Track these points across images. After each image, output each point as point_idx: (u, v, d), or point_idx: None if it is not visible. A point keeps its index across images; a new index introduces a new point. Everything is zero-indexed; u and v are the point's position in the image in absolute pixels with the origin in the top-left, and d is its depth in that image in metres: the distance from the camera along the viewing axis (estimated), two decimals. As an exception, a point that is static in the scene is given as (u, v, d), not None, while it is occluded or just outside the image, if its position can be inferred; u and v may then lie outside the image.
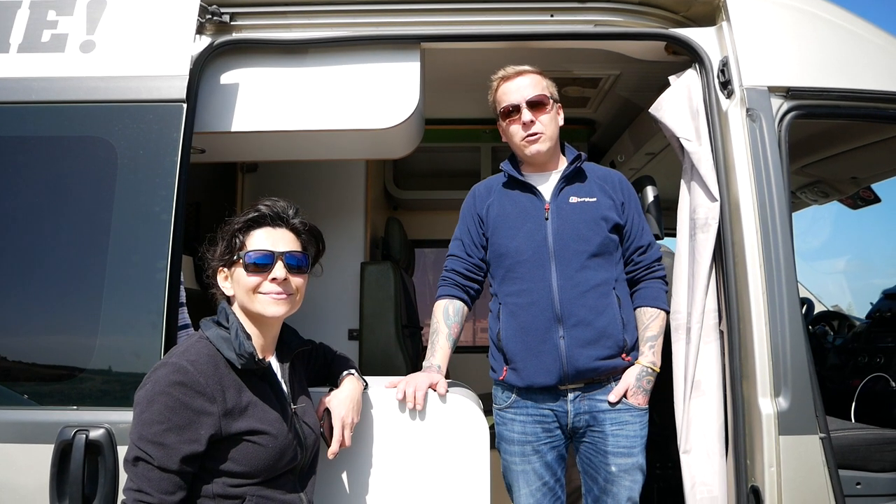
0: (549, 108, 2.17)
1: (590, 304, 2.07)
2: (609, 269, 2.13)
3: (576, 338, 2.05)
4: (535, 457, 2.11)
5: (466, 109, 3.99)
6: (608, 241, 2.13)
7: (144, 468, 1.46)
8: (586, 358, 2.04)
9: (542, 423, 2.11)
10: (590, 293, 2.08)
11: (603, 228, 2.12)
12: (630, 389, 2.07)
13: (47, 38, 2.17)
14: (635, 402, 2.07)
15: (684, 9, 2.38)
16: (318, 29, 2.31)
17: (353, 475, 1.94)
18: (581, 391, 2.08)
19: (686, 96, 2.25)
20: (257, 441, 1.58)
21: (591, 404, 2.08)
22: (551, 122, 2.18)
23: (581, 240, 2.10)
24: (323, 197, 3.80)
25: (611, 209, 2.15)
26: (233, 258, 1.69)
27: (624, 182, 2.25)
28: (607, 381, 2.09)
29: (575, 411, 2.08)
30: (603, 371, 2.07)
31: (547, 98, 2.17)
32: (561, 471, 2.16)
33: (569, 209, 2.14)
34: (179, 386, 1.50)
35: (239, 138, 2.32)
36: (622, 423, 2.06)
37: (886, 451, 2.51)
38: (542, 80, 2.21)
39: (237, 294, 1.70)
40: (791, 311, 2.05)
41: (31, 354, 2.04)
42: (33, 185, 2.10)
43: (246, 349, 1.59)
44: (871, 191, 3.79)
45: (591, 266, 2.10)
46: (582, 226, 2.11)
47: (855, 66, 2.26)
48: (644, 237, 2.21)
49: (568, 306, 2.06)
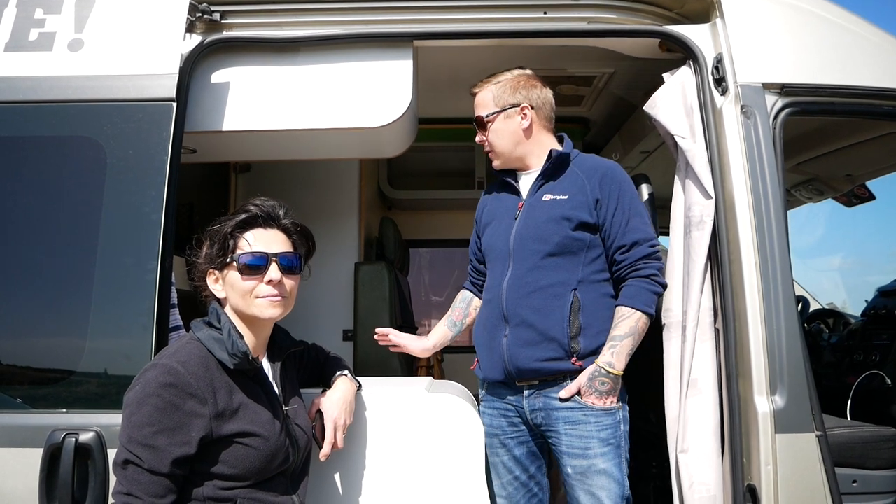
0: (492, 122, 2.21)
1: (535, 305, 2.06)
2: (570, 270, 2.08)
3: (517, 337, 2.07)
4: (503, 450, 2.17)
5: (460, 108, 3.93)
6: (569, 240, 2.08)
7: (134, 471, 1.44)
8: (526, 358, 2.05)
9: (506, 417, 2.16)
10: (536, 294, 2.07)
11: (564, 227, 2.08)
12: (582, 388, 2.01)
13: (35, 36, 2.15)
14: (588, 401, 2.01)
15: (678, 5, 2.37)
16: (309, 27, 2.29)
17: (345, 477, 1.93)
18: (536, 388, 2.08)
19: (680, 93, 2.25)
20: (248, 443, 1.56)
21: (545, 401, 2.07)
22: (497, 134, 2.21)
23: (539, 239, 2.10)
24: (316, 197, 3.79)
25: (579, 207, 2.09)
26: (225, 261, 1.66)
27: (608, 177, 2.14)
28: (563, 380, 2.06)
29: (530, 407, 2.09)
30: (547, 372, 2.05)
31: (484, 117, 2.21)
32: (535, 468, 2.17)
33: (539, 208, 2.14)
34: (170, 388, 1.48)
35: (230, 138, 2.30)
36: (574, 423, 2.02)
37: (882, 448, 2.51)
38: (490, 91, 2.22)
39: (231, 297, 1.67)
40: (787, 309, 2.05)
41: (20, 357, 2.02)
42: (21, 185, 2.07)
43: (239, 349, 1.58)
44: (866, 188, 3.79)
45: (544, 266, 2.08)
46: (543, 225, 2.11)
47: (849, 63, 2.25)
48: (628, 235, 2.10)
49: (512, 306, 2.09)
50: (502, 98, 2.21)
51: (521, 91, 2.21)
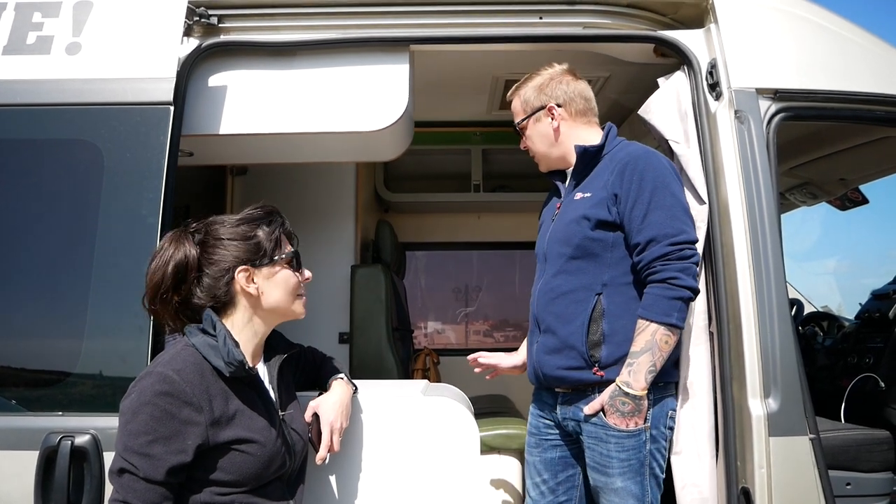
0: (525, 129, 2.20)
1: (557, 312, 2.01)
2: (594, 273, 1.98)
3: (544, 344, 2.05)
4: (537, 450, 2.17)
5: (457, 112, 3.98)
6: (589, 241, 1.98)
7: (130, 479, 1.44)
8: (550, 366, 2.02)
9: (544, 420, 2.16)
10: (559, 300, 2.02)
11: (584, 227, 1.99)
12: (605, 407, 1.91)
13: (33, 39, 2.15)
14: (610, 421, 1.90)
15: (672, 11, 2.38)
16: (306, 31, 2.30)
17: (342, 481, 1.93)
18: (568, 397, 2.04)
19: (675, 98, 2.26)
20: (245, 450, 1.56)
21: (574, 412, 2.01)
22: (533, 139, 2.20)
23: (563, 242, 2.04)
24: (313, 199, 3.79)
25: (598, 205, 1.98)
26: (273, 258, 1.69)
27: (629, 167, 1.97)
28: (591, 391, 1.97)
29: (563, 415, 2.06)
30: (571, 382, 1.99)
31: (518, 124, 2.21)
32: (566, 476, 2.11)
33: (570, 208, 2.07)
34: (165, 396, 1.48)
35: (227, 141, 2.30)
36: (597, 439, 1.95)
37: (876, 451, 2.52)
38: (519, 98, 2.21)
39: (272, 295, 1.69)
40: (780, 313, 2.06)
41: (16, 359, 2.02)
42: (18, 188, 2.07)
43: (235, 357, 1.57)
44: (860, 192, 3.81)
45: (568, 270, 2.02)
46: (567, 226, 2.05)
47: (842, 69, 2.27)
48: (643, 232, 1.92)
49: (541, 312, 2.07)
50: (529, 103, 2.18)
51: (546, 91, 2.15)
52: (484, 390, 3.90)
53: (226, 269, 1.66)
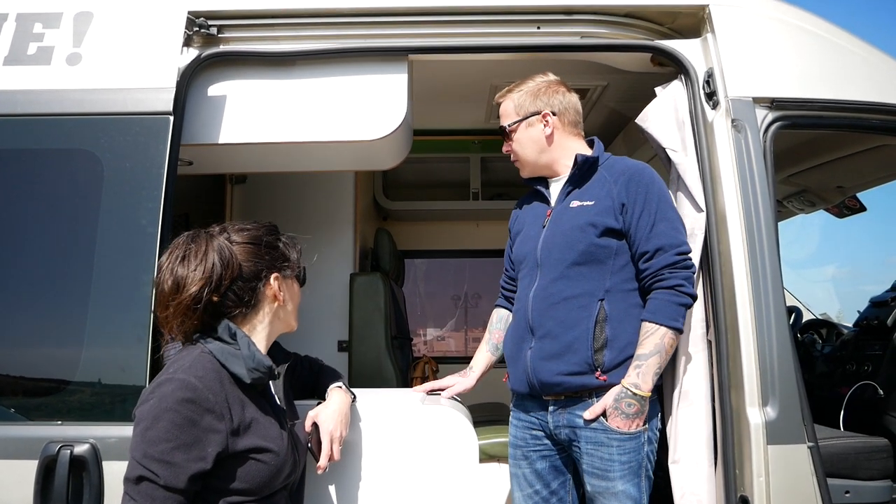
0: (515, 132, 2.20)
1: (559, 317, 2.01)
2: (597, 279, 2.01)
3: (541, 350, 2.03)
4: (525, 462, 2.13)
5: (455, 120, 4.00)
6: (595, 248, 2.02)
7: (148, 487, 1.41)
8: (548, 372, 2.00)
9: (531, 430, 2.13)
10: (560, 305, 2.02)
11: (590, 235, 2.02)
12: (608, 410, 1.94)
13: (33, 50, 2.17)
14: (613, 424, 1.92)
15: (670, 20, 2.40)
16: (305, 41, 2.31)
17: (341, 488, 1.93)
18: (561, 404, 2.03)
19: (672, 107, 2.27)
20: (261, 458, 1.55)
21: (570, 418, 2.01)
22: (521, 143, 2.20)
23: (565, 248, 2.05)
24: (312, 208, 3.79)
25: (604, 213, 2.03)
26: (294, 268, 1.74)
27: (634, 179, 2.04)
28: (589, 396, 1.99)
29: (555, 423, 2.05)
30: (570, 387, 1.99)
31: (507, 127, 2.21)
32: (558, 484, 2.11)
33: (566, 215, 2.09)
34: (188, 403, 1.45)
35: (226, 150, 2.31)
36: (597, 444, 1.95)
37: (875, 459, 2.52)
38: (511, 100, 2.21)
39: (289, 304, 1.73)
40: (778, 321, 2.06)
41: (15, 368, 2.02)
42: (19, 198, 2.08)
43: (263, 363, 1.58)
44: (857, 200, 3.82)
45: (570, 276, 2.03)
46: (569, 232, 2.06)
47: (838, 77, 2.28)
48: (651, 241, 1.99)
49: (538, 317, 2.05)
50: (523, 106, 2.19)
51: (542, 98, 2.17)
52: (482, 399, 3.89)
53: (259, 274, 1.66)
